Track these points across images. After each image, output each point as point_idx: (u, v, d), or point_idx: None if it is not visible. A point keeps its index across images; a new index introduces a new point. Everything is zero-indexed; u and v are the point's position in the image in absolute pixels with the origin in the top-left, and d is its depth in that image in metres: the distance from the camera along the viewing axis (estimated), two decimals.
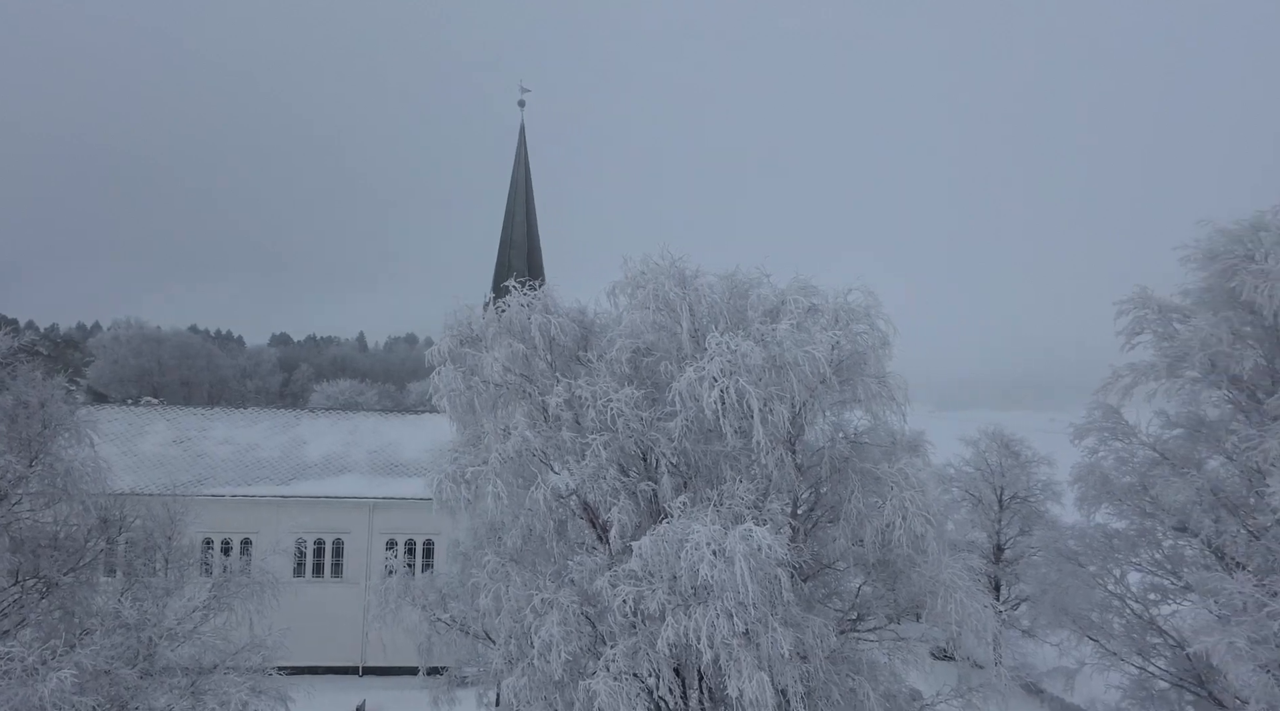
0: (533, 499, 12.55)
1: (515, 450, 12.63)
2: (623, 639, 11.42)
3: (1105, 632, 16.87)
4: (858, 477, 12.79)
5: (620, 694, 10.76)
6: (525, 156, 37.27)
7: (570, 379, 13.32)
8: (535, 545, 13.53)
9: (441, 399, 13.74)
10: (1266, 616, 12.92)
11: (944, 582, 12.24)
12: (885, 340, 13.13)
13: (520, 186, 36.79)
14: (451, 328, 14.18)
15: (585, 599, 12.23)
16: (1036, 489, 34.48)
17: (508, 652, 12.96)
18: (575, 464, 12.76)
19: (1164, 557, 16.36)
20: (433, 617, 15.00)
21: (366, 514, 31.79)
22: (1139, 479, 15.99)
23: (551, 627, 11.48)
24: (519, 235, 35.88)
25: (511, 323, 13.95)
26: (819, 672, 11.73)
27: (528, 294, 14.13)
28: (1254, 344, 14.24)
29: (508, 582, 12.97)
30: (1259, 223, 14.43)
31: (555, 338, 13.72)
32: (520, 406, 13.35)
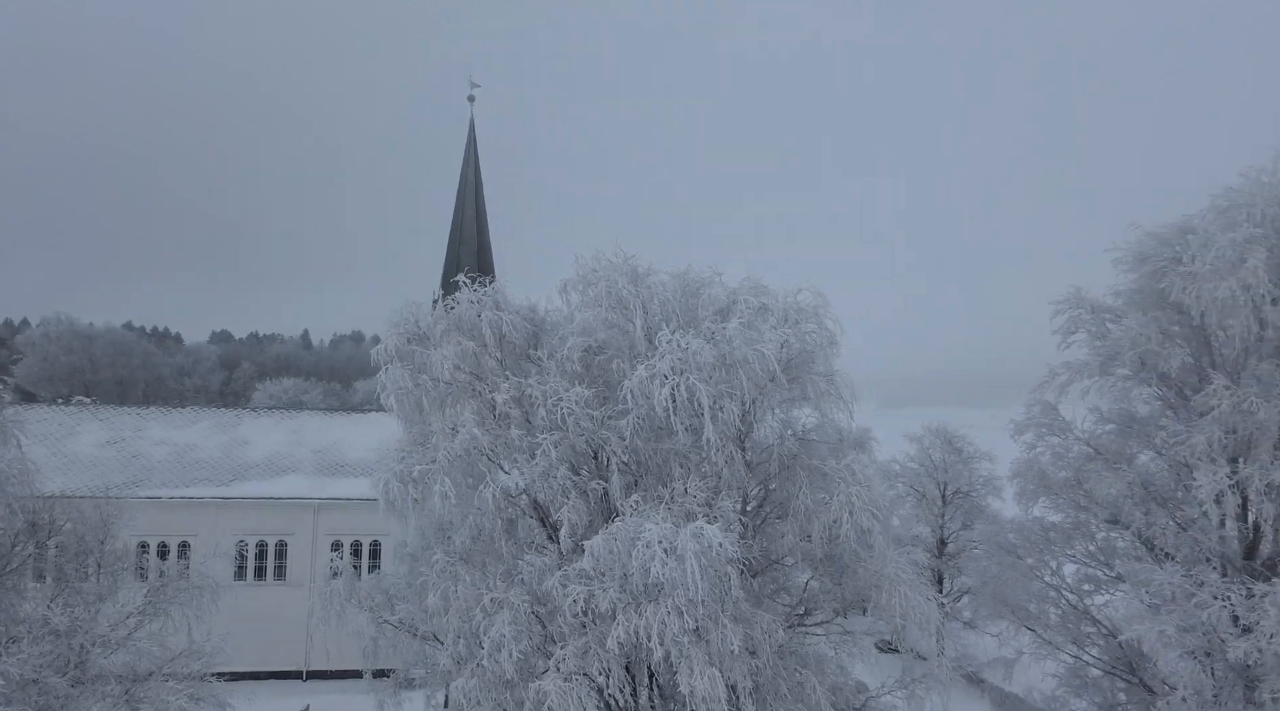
0: (482, 498, 12.44)
1: (464, 449, 12.50)
2: (573, 638, 11.39)
3: (1042, 622, 17.38)
4: (806, 474, 12.96)
5: (571, 693, 10.73)
6: (475, 152, 36.88)
7: (521, 377, 13.23)
8: (485, 545, 13.41)
9: (389, 397, 13.53)
10: (1194, 605, 13.46)
11: (889, 576, 12.48)
12: (833, 339, 13.34)
13: (470, 182, 36.39)
14: (399, 325, 13.97)
15: (536, 598, 12.17)
16: (978, 484, 35.40)
17: (456, 653, 12.82)
18: (525, 463, 12.68)
19: (1097, 549, 16.91)
20: (379, 619, 14.76)
21: (311, 515, 31.14)
22: (1074, 473, 16.50)
23: (502, 627, 11.39)
24: (469, 231, 35.49)
25: (461, 320, 13.79)
26: (767, 667, 11.87)
27: (477, 291, 13.98)
28: (1181, 343, 14.80)
29: (456, 582, 12.83)
30: (1186, 226, 15.00)
31: (506, 335, 13.61)
32: (469, 405, 13.21)
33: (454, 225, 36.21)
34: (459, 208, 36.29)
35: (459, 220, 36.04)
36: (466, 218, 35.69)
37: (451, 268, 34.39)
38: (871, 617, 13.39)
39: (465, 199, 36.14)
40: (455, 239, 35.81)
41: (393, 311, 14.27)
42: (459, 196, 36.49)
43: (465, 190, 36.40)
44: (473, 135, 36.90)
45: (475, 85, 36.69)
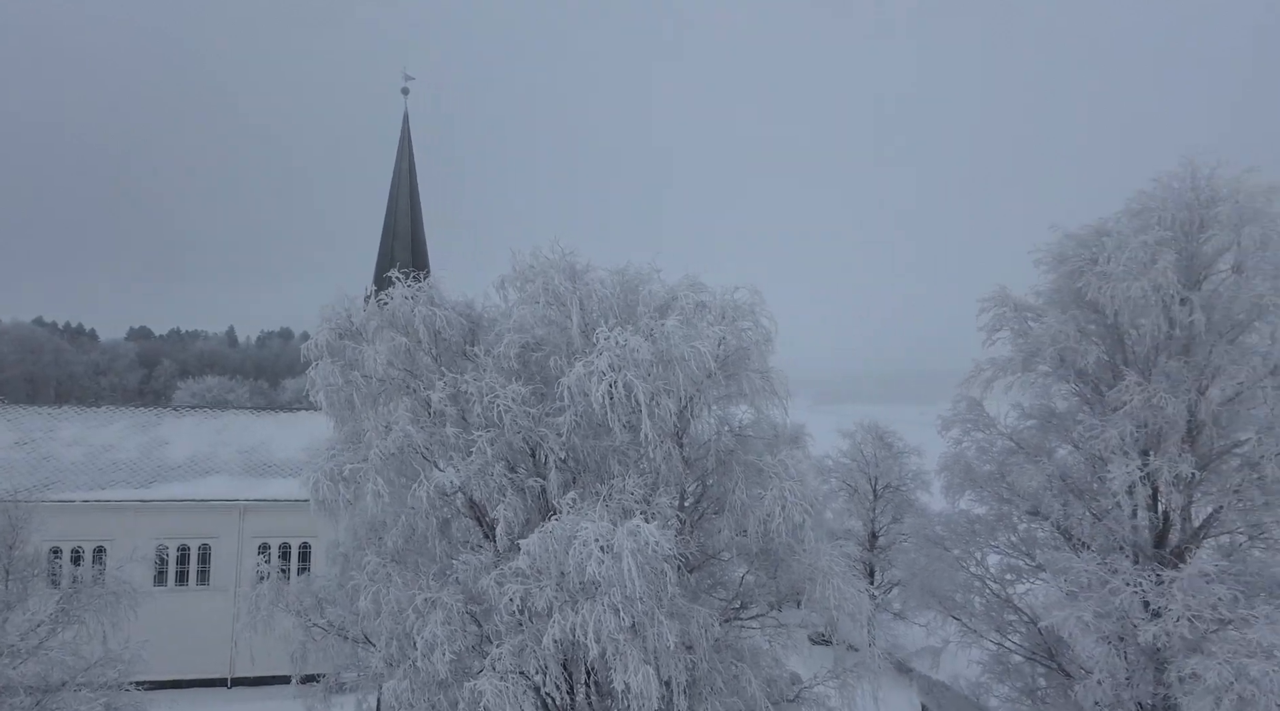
0: (415, 497, 12.22)
1: (397, 447, 12.26)
2: (509, 637, 11.29)
3: (967, 612, 17.95)
4: (741, 470, 13.09)
5: (507, 692, 10.63)
6: (409, 145, 36.19)
7: (456, 374, 13.04)
8: (418, 544, 13.18)
9: (319, 394, 13.18)
10: (1109, 592, 14.08)
11: (822, 569, 12.71)
12: (768, 336, 13.50)
13: (404, 176, 35.69)
14: (330, 320, 13.62)
15: (471, 598, 12.01)
16: (908, 478, 36.36)
17: (389, 655, 12.58)
18: (461, 460, 12.51)
19: (1019, 540, 17.54)
20: (308, 623, 14.37)
21: (236, 517, 30.12)
22: (998, 467, 17.09)
23: (435, 627, 11.22)
24: (402, 226, 34.80)
25: (394, 315, 13.51)
26: (703, 662, 11.96)
27: (412, 286, 13.72)
28: (1097, 340, 15.47)
29: (389, 583, 12.57)
30: (1101, 228, 15.68)
31: (441, 331, 13.39)
32: (403, 402, 12.95)
33: (388, 220, 35.49)
34: (393, 202, 35.58)
35: (393, 215, 35.34)
36: (400, 212, 35.01)
37: (385, 263, 33.70)
38: (805, 610, 13.61)
39: (399, 193, 35.44)
40: (389, 234, 35.10)
41: (324, 306, 13.89)
42: (393, 190, 35.78)
43: (399, 184, 35.71)
44: (406, 128, 36.23)
45: (409, 78, 36.03)
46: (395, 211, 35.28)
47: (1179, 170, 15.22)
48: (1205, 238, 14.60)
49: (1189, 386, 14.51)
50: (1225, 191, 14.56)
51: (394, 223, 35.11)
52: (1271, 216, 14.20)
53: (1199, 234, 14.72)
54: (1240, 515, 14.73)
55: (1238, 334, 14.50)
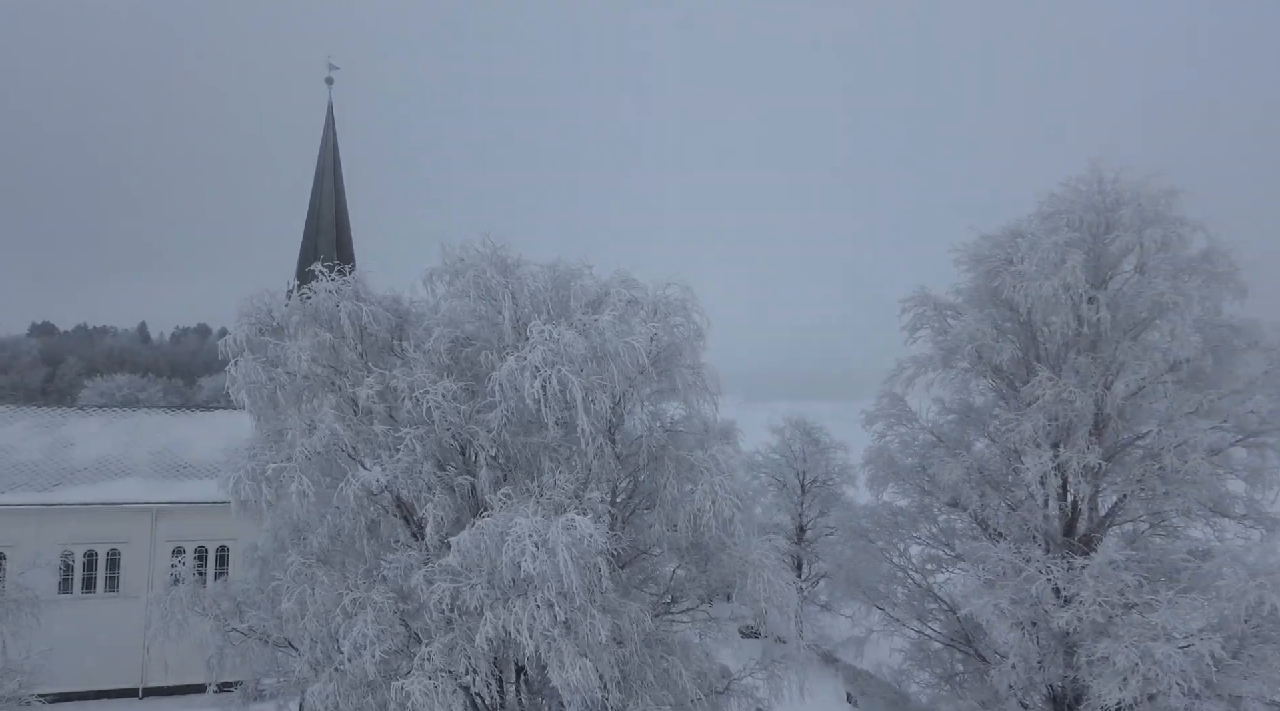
0: (341, 496, 11.92)
1: (322, 445, 11.94)
2: (439, 636, 11.12)
3: (890, 601, 18.46)
4: (673, 465, 13.17)
5: (435, 692, 10.47)
6: (334, 136, 35.21)
7: (384, 370, 12.76)
8: (345, 544, 12.86)
9: (239, 391, 12.71)
10: (1023, 580, 14.68)
11: (752, 563, 12.89)
12: (700, 332, 13.61)
13: (328, 168, 34.71)
14: (250, 315, 13.15)
15: (400, 597, 11.79)
16: (834, 472, 37.24)
17: (313, 658, 12.24)
18: (388, 458, 12.25)
19: (939, 531, 18.13)
20: (225, 627, 13.85)
21: (149, 520, 28.83)
22: (919, 460, 17.63)
23: (363, 628, 10.97)
24: (326, 219, 33.84)
25: (318, 310, 13.14)
26: (635, 656, 12.00)
27: (336, 280, 13.38)
28: (1012, 338, 16.10)
29: (314, 584, 12.23)
30: (1016, 230, 16.32)
31: (367, 326, 13.08)
32: (328, 399, 12.62)
33: (311, 213, 34.47)
34: (316, 194, 34.57)
35: (316, 207, 34.34)
36: (324, 205, 34.04)
37: (308, 257, 32.72)
38: (735, 603, 13.79)
39: (323, 185, 34.46)
40: (312, 227, 34.10)
41: (243, 301, 13.42)
42: (316, 183, 34.77)
43: (323, 176, 34.72)
44: (331, 118, 35.24)
45: (334, 67, 35.05)
46: (319, 204, 34.30)
47: (1087, 174, 15.96)
48: (1111, 239, 15.34)
49: (1096, 381, 15.23)
50: (1129, 195, 15.33)
51: (318, 216, 34.13)
52: (1171, 219, 15.01)
53: (1105, 236, 15.46)
54: (1143, 504, 15.52)
55: (1140, 331, 15.28)
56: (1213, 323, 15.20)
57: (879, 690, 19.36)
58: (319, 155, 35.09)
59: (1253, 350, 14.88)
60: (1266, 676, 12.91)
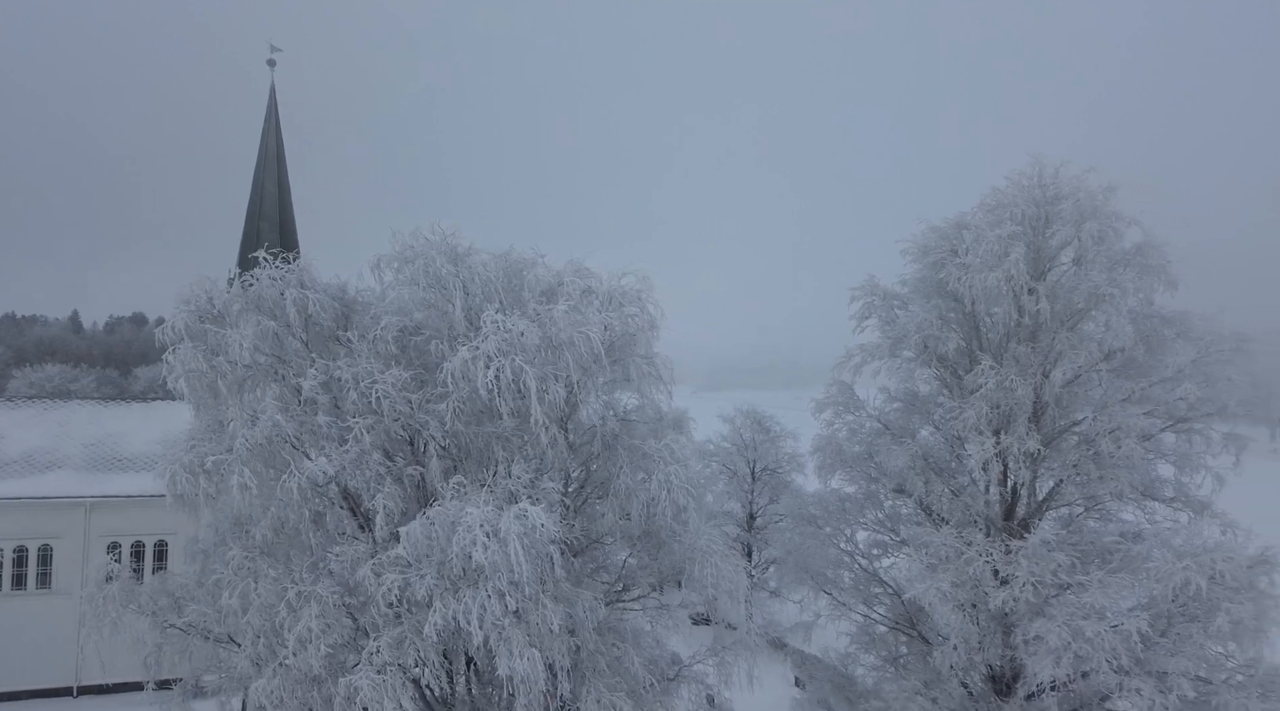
0: (285, 488, 11.66)
1: (265, 436, 11.67)
2: (387, 629, 10.98)
3: (837, 586, 18.80)
4: (626, 454, 13.21)
5: (384, 686, 10.35)
6: (276, 120, 34.27)
7: (329, 359, 12.51)
8: (289, 537, 12.61)
9: (178, 380, 12.33)
10: (964, 563, 15.08)
11: (703, 550, 13.02)
12: (654, 322, 13.64)
13: (271, 153, 33.78)
14: (189, 301, 12.76)
15: (346, 590, 11.61)
16: (784, 461, 37.75)
17: (256, 654, 11.98)
18: (335, 450, 12.03)
19: (885, 517, 18.50)
20: (164, 624, 13.48)
21: (82, 515, 27.87)
22: (866, 447, 17.94)
23: (308, 622, 10.78)
24: (269, 205, 32.96)
25: (261, 298, 12.81)
26: (587, 645, 12.03)
27: (280, 267, 13.05)
28: (957, 328, 16.47)
29: (257, 579, 11.97)
30: (962, 222, 16.66)
31: (312, 314, 12.80)
32: (271, 389, 12.34)
33: (253, 199, 33.55)
34: (258, 179, 33.65)
35: (258, 193, 33.43)
36: (267, 190, 33.15)
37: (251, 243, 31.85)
38: (686, 591, 13.91)
39: (266, 170, 33.54)
40: (254, 213, 33.19)
41: (181, 288, 13.00)
42: (258, 168, 33.83)
43: (265, 161, 33.79)
44: (273, 102, 34.28)
45: (276, 49, 34.06)
46: (261, 190, 33.40)
47: (1029, 168, 16.36)
48: (1051, 232, 15.77)
49: (1035, 370, 15.68)
50: (1068, 189, 15.76)
51: (260, 202, 33.24)
52: (1108, 213, 15.48)
53: (1045, 229, 15.88)
54: (1078, 488, 16.04)
55: (1077, 321, 15.76)
56: (1145, 313, 15.76)
57: (826, 673, 19.72)
58: (261, 140, 34.14)
59: (1182, 340, 15.45)
60: (1191, 653, 13.48)
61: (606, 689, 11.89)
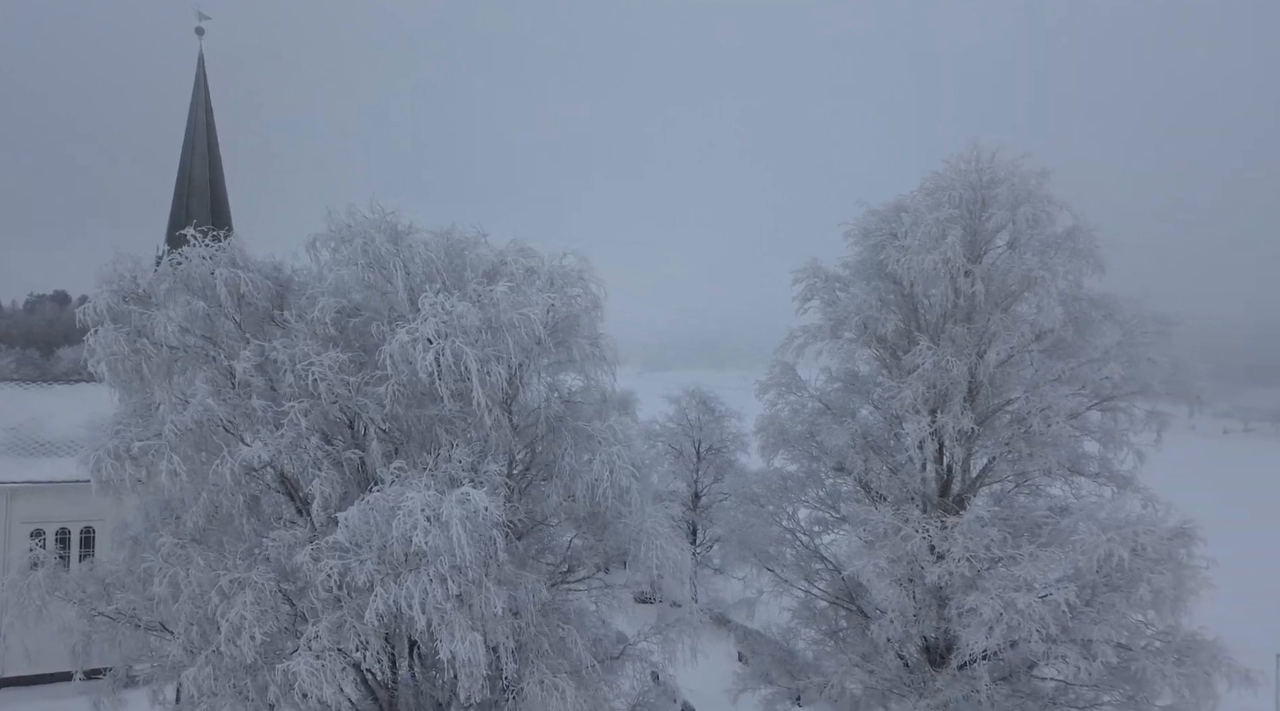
0: (219, 473, 11.33)
1: (195, 420, 11.31)
2: (327, 614, 10.79)
3: (780, 563, 19.15)
4: (571, 436, 13.16)
5: (323, 672, 10.18)
6: (205, 91, 32.95)
7: (263, 341, 12.15)
8: (223, 523, 12.26)
9: (99, 363, 11.83)
10: (901, 539, 15.48)
11: (647, 531, 13.07)
12: (597, 303, 13.56)
13: (200, 125, 32.50)
14: (111, 281, 12.22)
15: (283, 576, 11.37)
16: (728, 440, 38.16)
17: (189, 642, 11.67)
18: (270, 434, 11.71)
19: (826, 494, 18.88)
20: (92, 612, 13.02)
21: (3, 501, 26.76)
22: (808, 427, 18.24)
23: (242, 609, 10.53)
24: (199, 179, 31.76)
25: (190, 277, 12.35)
26: (530, 627, 12.01)
27: (211, 245, 12.58)
28: (896, 309, 16.79)
29: (188, 565, 11.63)
30: (901, 205, 16.95)
31: (245, 294, 12.38)
32: (202, 372, 11.95)
33: (182, 174, 32.30)
34: (187, 153, 32.40)
35: (188, 168, 32.19)
36: (197, 164, 31.94)
37: (179, 220, 30.72)
38: (631, 571, 13.98)
39: (195, 143, 32.30)
40: (183, 188, 31.98)
41: (103, 266, 12.45)
42: (187, 142, 32.57)
43: (194, 134, 32.53)
44: (202, 72, 32.97)
45: (204, 17, 32.71)
46: (191, 164, 32.17)
47: (966, 153, 16.69)
48: (987, 216, 16.15)
49: (970, 351, 16.10)
50: (1003, 174, 16.14)
51: (190, 176, 32.02)
52: (1041, 198, 15.91)
53: (981, 212, 16.26)
54: (1009, 465, 16.59)
55: (1010, 303, 16.21)
56: (1074, 296, 16.29)
57: (768, 648, 20.12)
58: (190, 112, 32.83)
59: (1108, 321, 16.03)
60: (1114, 621, 14.11)
61: (550, 670, 11.90)
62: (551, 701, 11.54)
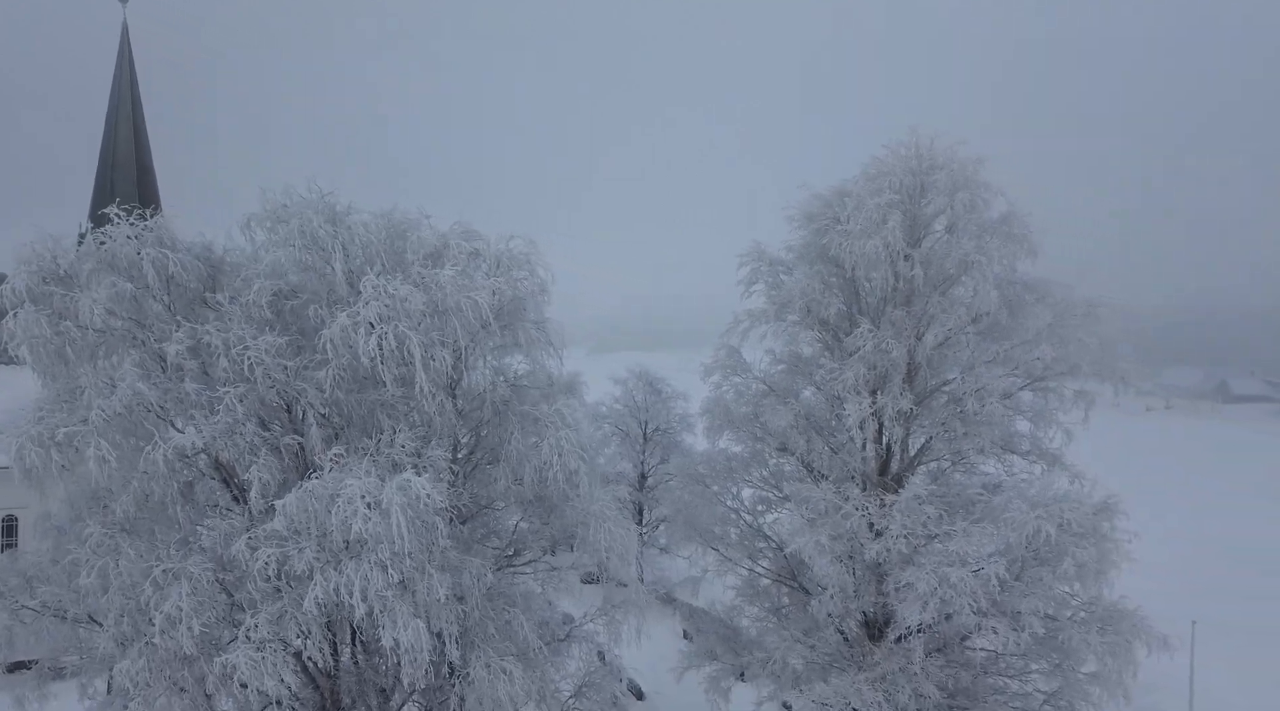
0: (150, 460, 10.97)
1: (124, 405, 10.92)
2: (266, 604, 10.58)
3: (724, 542, 19.41)
4: (517, 419, 13.09)
5: (263, 663, 10.00)
6: (130, 64, 31.50)
7: (196, 324, 11.76)
8: (155, 512, 11.90)
9: (19, 347, 11.33)
10: (841, 517, 15.81)
11: (594, 514, 13.11)
12: (544, 287, 13.47)
13: (125, 99, 31.10)
14: (30, 261, 11.70)
15: (220, 565, 11.09)
16: (675, 421, 38.42)
17: (119, 634, 11.33)
18: (204, 419, 11.37)
19: (769, 474, 19.16)
20: (14, 605, 12.54)
21: None
22: (752, 408, 18.45)
23: (178, 600, 10.26)
24: (124, 155, 30.45)
25: (116, 257, 11.88)
26: (475, 611, 11.97)
27: (137, 224, 12.09)
28: (838, 292, 17.03)
29: (118, 556, 11.27)
30: (843, 190, 17.14)
31: (175, 275, 11.96)
32: (130, 355, 11.53)
33: (105, 150, 30.92)
34: (111, 129, 31.01)
35: (111, 144, 30.83)
36: (121, 139, 30.61)
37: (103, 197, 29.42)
38: (578, 553, 14.01)
39: (119, 118, 30.93)
40: (107, 164, 30.65)
41: (21, 246, 11.88)
42: (110, 115, 31.16)
43: (119, 108, 31.15)
44: (126, 43, 31.52)
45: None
46: (115, 139, 30.82)
47: (907, 139, 16.93)
48: (926, 201, 16.46)
49: (909, 333, 16.44)
50: (942, 160, 16.44)
51: (114, 152, 30.69)
52: (979, 184, 16.26)
53: (921, 197, 16.56)
54: (946, 444, 17.04)
55: (948, 287, 16.59)
56: (1009, 280, 16.75)
57: (713, 626, 20.43)
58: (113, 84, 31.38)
59: (1041, 304, 16.53)
60: (1042, 593, 14.67)
61: (496, 653, 11.89)
62: (499, 685, 11.55)
